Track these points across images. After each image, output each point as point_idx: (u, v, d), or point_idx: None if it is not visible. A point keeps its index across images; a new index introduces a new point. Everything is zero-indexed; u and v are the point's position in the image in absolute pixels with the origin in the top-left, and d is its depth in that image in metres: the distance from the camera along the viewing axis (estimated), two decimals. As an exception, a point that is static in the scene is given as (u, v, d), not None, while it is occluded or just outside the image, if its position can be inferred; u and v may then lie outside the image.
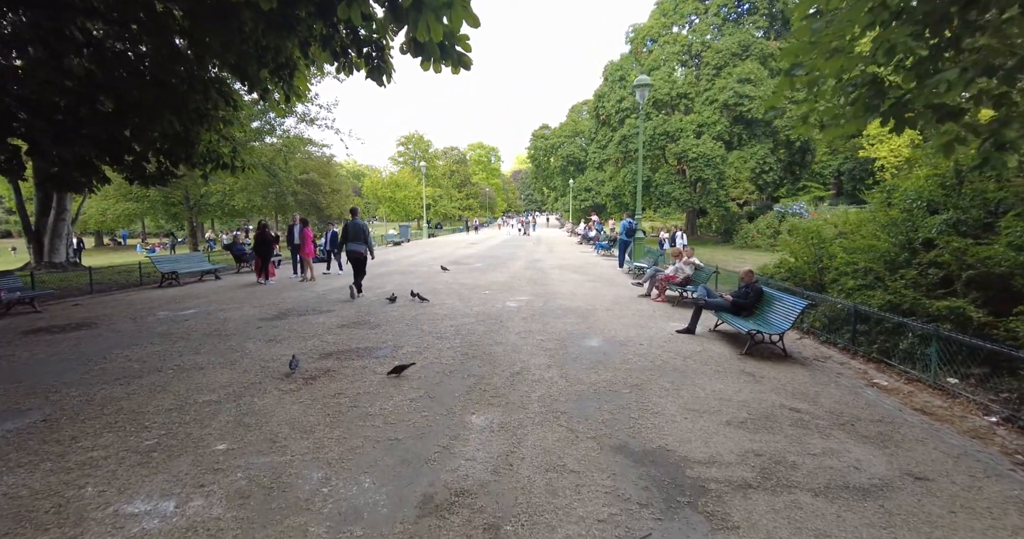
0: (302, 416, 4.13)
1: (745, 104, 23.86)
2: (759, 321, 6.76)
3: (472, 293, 10.68)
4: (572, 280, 13.03)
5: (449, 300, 9.78)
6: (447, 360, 5.76)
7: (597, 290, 11.35)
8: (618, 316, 8.44)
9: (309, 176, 25.98)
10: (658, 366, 5.68)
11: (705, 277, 9.59)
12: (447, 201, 59.04)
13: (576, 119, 68.91)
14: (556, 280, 13.05)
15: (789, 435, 3.91)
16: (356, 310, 8.74)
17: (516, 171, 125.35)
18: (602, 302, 9.78)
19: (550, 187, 75.16)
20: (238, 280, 13.43)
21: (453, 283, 12.29)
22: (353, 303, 9.46)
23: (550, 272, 14.84)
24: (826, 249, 8.77)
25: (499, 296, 10.30)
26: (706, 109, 25.20)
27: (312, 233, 12.76)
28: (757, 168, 24.91)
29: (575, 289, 11.43)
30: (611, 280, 13.19)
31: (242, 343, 6.47)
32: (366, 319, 7.99)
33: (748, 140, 25.51)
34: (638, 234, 15.96)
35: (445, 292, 10.83)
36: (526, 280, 12.94)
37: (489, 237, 40.04)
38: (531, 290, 11.19)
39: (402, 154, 63.78)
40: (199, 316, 8.29)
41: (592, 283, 12.53)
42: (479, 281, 12.66)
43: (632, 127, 26.21)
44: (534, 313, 8.57)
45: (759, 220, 25.76)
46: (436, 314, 8.38)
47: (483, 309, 8.86)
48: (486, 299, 9.91)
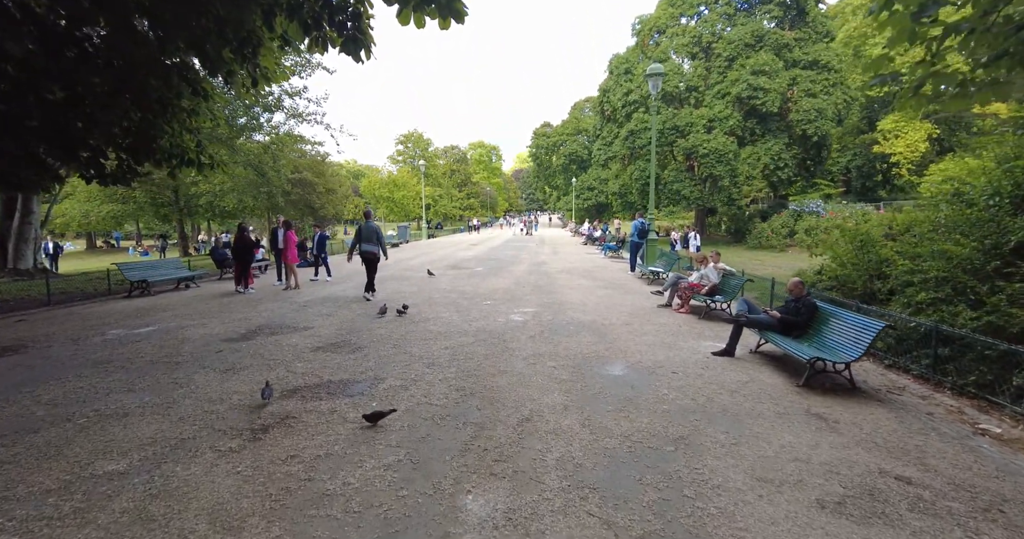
0: (233, 500, 2.99)
1: (760, 97, 22.65)
2: (816, 344, 5.61)
3: (472, 304, 9.55)
4: (581, 287, 11.89)
5: (445, 313, 8.65)
6: (438, 399, 4.63)
7: (611, 299, 10.21)
8: (639, 332, 7.30)
9: (302, 175, 24.87)
10: (702, 405, 4.53)
11: (735, 286, 8.44)
12: (447, 201, 57.92)
13: (578, 116, 67.74)
14: (564, 287, 11.91)
15: (917, 531, 2.76)
16: (338, 327, 7.61)
17: (517, 170, 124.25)
18: (618, 314, 8.63)
19: (552, 186, 74.05)
20: (218, 288, 12.32)
21: (451, 291, 11.16)
22: (335, 317, 8.33)
23: (557, 277, 13.70)
24: (877, 253, 7.62)
25: (502, 307, 9.16)
26: (717, 103, 24.02)
27: (297, 237, 11.62)
28: (771, 164, 23.72)
29: (586, 297, 10.29)
30: (624, 286, 12.05)
31: (191, 374, 5.34)
32: (347, 339, 6.86)
33: (761, 135, 24.32)
34: (651, 235, 14.81)
35: (442, 302, 9.70)
36: (531, 287, 11.80)
37: (490, 238, 38.91)
38: (537, 299, 10.05)
39: (401, 153, 62.64)
40: (155, 336, 7.17)
41: (604, 290, 11.39)
42: (480, 288, 11.53)
43: (640, 122, 25.05)
44: (542, 329, 7.43)
45: (773, 219, 24.60)
46: (429, 332, 7.25)
47: (484, 324, 7.73)
48: (487, 311, 8.77)
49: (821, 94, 23.13)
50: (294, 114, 15.73)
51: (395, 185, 48.15)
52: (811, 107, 22.70)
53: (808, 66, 23.85)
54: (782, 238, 23.39)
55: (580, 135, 66.27)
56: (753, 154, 23.83)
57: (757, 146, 24.10)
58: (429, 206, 53.51)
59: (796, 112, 23.29)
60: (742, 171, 23.72)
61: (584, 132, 66.07)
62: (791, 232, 23.39)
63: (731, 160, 23.24)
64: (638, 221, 14.69)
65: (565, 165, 66.99)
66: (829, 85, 23.34)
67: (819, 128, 22.95)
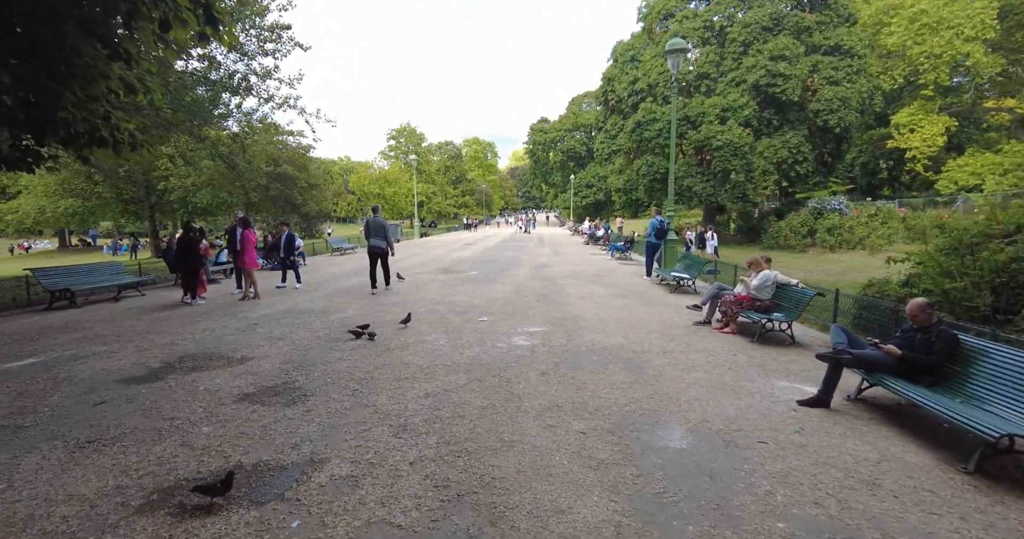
0: None
1: (779, 84, 20.86)
2: (968, 396, 3.81)
3: (464, 321, 7.71)
4: (594, 296, 10.08)
5: (431, 334, 6.81)
6: (406, 510, 2.79)
7: (632, 312, 8.40)
8: (685, 365, 5.50)
9: (282, 169, 22.91)
10: (839, 520, 2.73)
11: (798, 302, 6.65)
12: (441, 198, 55.95)
13: (576, 111, 65.86)
14: (574, 295, 10.10)
15: None
16: (286, 356, 5.76)
17: (513, 168, 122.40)
18: (648, 335, 6.84)
19: (549, 183, 72.22)
20: (167, 297, 10.42)
21: (440, 303, 9.31)
22: (288, 342, 6.46)
23: (563, 283, 11.88)
24: (995, 259, 5.85)
25: (501, 326, 7.34)
26: (731, 91, 22.25)
27: (256, 237, 9.71)
28: (789, 158, 21.99)
29: (602, 310, 8.48)
30: (644, 295, 10.25)
31: (22, 454, 3.47)
32: (292, 378, 5.01)
33: (779, 126, 22.57)
34: (672, 235, 13.02)
35: (429, 318, 7.86)
36: (535, 296, 9.98)
37: (486, 236, 37.06)
38: (545, 313, 8.22)
39: (393, 149, 60.49)
40: (30, 372, 5.28)
41: (621, 300, 9.59)
42: (474, 299, 9.69)
43: (648, 112, 23.24)
44: (556, 360, 5.61)
45: (790, 217, 22.89)
46: (407, 365, 5.41)
47: (479, 352, 5.90)
48: (484, 332, 6.94)
49: (844, 82, 21.40)
50: (263, 96, 13.83)
51: (386, 181, 46.08)
52: (834, 95, 20.97)
53: (830, 51, 22.10)
54: (801, 238, 21.69)
55: (578, 131, 64.46)
56: (770, 147, 22.09)
57: (774, 138, 22.36)
58: (422, 204, 51.55)
59: (817, 101, 21.54)
60: (758, 165, 21.98)
61: (582, 128, 64.29)
62: (811, 231, 21.70)
63: (747, 153, 21.48)
64: (655, 219, 12.90)
65: (563, 162, 65.16)
66: (852, 72, 21.62)
67: (843, 118, 21.23)
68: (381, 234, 10.23)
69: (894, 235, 21.21)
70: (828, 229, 20.51)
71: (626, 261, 17.95)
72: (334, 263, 17.69)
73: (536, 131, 66.74)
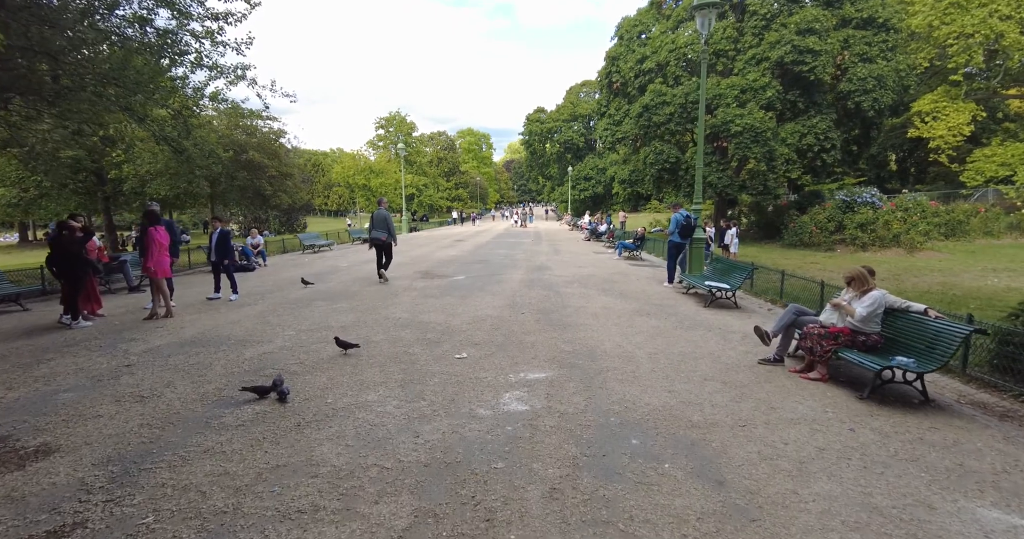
0: None
1: (807, 61, 18.47)
2: None
3: (434, 357, 5.40)
4: (610, 312, 7.80)
5: (378, 389, 4.48)
6: None
7: (668, 341, 6.13)
8: (785, 456, 3.23)
9: (249, 156, 20.42)
10: None
11: (940, 340, 4.36)
12: (433, 191, 53.36)
13: (575, 101, 63.21)
14: (583, 311, 7.81)
15: None
16: (116, 442, 3.43)
17: (508, 160, 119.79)
18: (703, 386, 4.59)
19: (546, 176, 69.75)
20: (55, 314, 8.03)
21: (409, 323, 6.99)
22: (146, 408, 4.12)
23: (567, 292, 9.58)
24: None
25: (487, 370, 5.02)
26: (752, 70, 19.88)
27: (165, 235, 7.29)
28: (816, 145, 19.69)
29: (626, 338, 6.21)
30: (673, 311, 7.98)
31: None
32: (85, 518, 2.68)
33: (805, 110, 20.23)
34: (700, 234, 10.74)
35: (385, 353, 5.54)
36: (534, 313, 7.67)
37: (479, 232, 34.69)
38: (548, 345, 5.92)
39: (382, 138, 57.65)
40: None
41: (647, 319, 7.31)
42: (455, 317, 7.36)
43: (657, 94, 20.83)
44: (574, 453, 3.32)
45: (814, 211, 20.67)
46: (314, 472, 3.09)
47: (445, 435, 3.58)
48: (458, 384, 4.62)
49: (879, 58, 19.06)
50: (203, 63, 11.36)
51: (372, 172, 43.39)
52: (868, 74, 18.63)
53: (862, 25, 19.75)
54: (828, 234, 19.48)
55: (576, 121, 61.93)
56: (794, 133, 19.76)
57: (799, 123, 20.03)
58: (412, 196, 48.97)
59: (848, 81, 19.19)
60: (780, 153, 19.68)
61: (581, 118, 61.74)
62: (839, 227, 19.49)
63: (769, 140, 19.17)
64: (679, 214, 10.60)
65: (560, 154, 62.65)
66: (887, 48, 19.30)
67: (877, 100, 18.92)
68: (383, 226, 10.66)
69: (933, 231, 19.06)
70: (860, 225, 18.29)
71: (637, 262, 15.68)
72: (301, 264, 15.33)
73: (532, 121, 64.11)
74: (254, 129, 22.31)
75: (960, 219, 20.64)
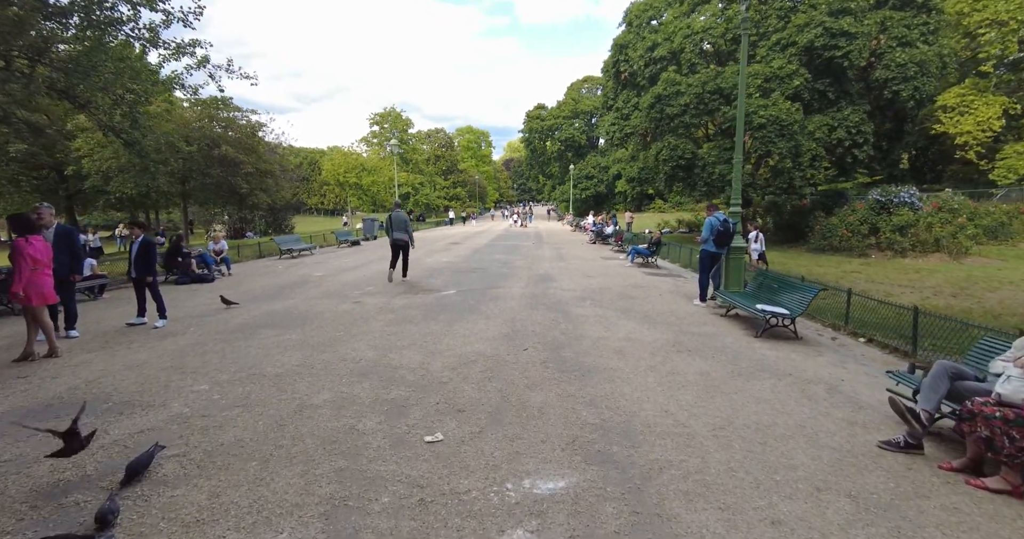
0: None
1: (841, 46, 16.60)
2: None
3: (391, 442, 3.52)
4: (640, 347, 5.94)
5: (282, 526, 2.62)
6: None
7: (735, 405, 4.27)
8: None
9: (223, 151, 18.53)
10: None
11: None
12: (429, 189, 51.44)
13: (576, 97, 61.37)
14: (606, 347, 5.96)
15: None
16: None
17: (508, 159, 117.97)
18: (819, 504, 2.71)
19: (546, 175, 67.97)
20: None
21: (370, 370, 5.12)
22: None
23: (581, 315, 7.73)
24: None
25: (469, 467, 3.15)
26: (776, 57, 18.05)
27: (44, 249, 5.40)
28: (847, 140, 17.84)
29: (674, 397, 4.35)
30: (720, 344, 6.12)
31: None
32: None
33: (835, 100, 18.38)
34: (740, 241, 8.90)
35: (321, 432, 3.65)
36: (540, 350, 5.81)
37: (477, 232, 32.84)
38: (564, 414, 4.04)
39: (376, 135, 55.65)
40: None
41: (690, 359, 5.44)
42: (432, 361, 5.48)
43: (670, 84, 18.96)
44: None
45: (843, 212, 18.82)
46: None
47: None
48: (421, 506, 2.73)
49: (919, 42, 17.19)
50: (140, 36, 9.51)
51: (364, 169, 41.38)
52: (909, 59, 16.75)
53: (900, 5, 17.91)
54: (861, 238, 17.63)
55: (577, 119, 60.11)
56: (823, 126, 17.91)
57: (828, 115, 18.18)
58: (408, 195, 47.06)
59: (885, 68, 17.32)
60: (807, 148, 17.84)
61: (582, 115, 59.92)
62: (873, 230, 17.65)
63: (796, 133, 17.32)
64: (715, 218, 8.74)
65: (561, 152, 60.87)
66: (928, 31, 17.47)
67: (919, 88, 17.06)
68: (403, 227, 10.71)
69: (980, 235, 17.22)
70: (898, 227, 16.46)
71: (652, 270, 13.84)
72: (272, 272, 13.48)
73: (533, 118, 62.32)
74: (230, 122, 20.41)
75: (1003, 220, 18.80)
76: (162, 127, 14.12)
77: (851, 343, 6.74)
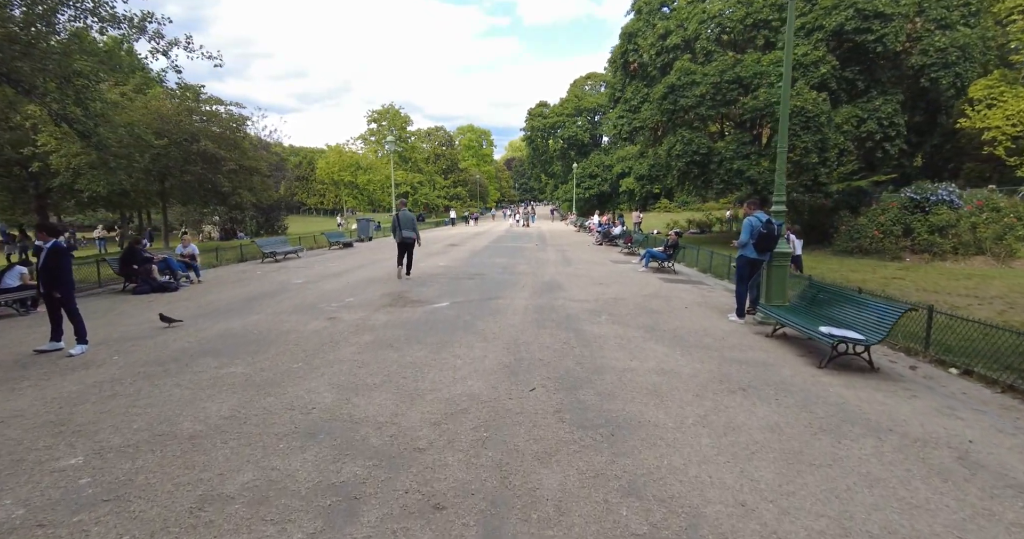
0: None
1: (875, 29, 15.19)
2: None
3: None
4: (679, 382, 4.53)
5: None
6: None
7: (839, 493, 2.82)
8: None
9: (202, 146, 17.18)
10: None
11: None
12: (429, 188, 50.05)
13: (579, 94, 59.87)
14: (636, 386, 4.54)
15: None
16: None
17: (509, 158, 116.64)
18: None
19: (548, 174, 66.56)
20: None
21: (320, 429, 3.71)
22: None
23: (596, 335, 6.33)
24: None
25: None
26: (801, 43, 16.64)
27: None
28: (877, 133, 16.41)
29: (748, 478, 2.90)
30: (779, 379, 4.70)
31: None
32: None
33: (865, 90, 16.96)
34: (784, 246, 7.51)
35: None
36: (551, 391, 4.39)
37: (478, 233, 31.49)
38: (597, 515, 2.64)
39: (374, 132, 54.26)
40: None
41: (752, 407, 4.02)
42: (408, 411, 4.07)
43: (684, 73, 17.55)
44: None
45: (873, 212, 17.38)
46: None
47: None
48: None
49: (959, 24, 15.74)
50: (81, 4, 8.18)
51: (359, 167, 39.97)
52: (948, 43, 15.30)
53: (937, -15, 16.54)
54: (894, 239, 16.20)
55: (580, 116, 58.67)
56: (852, 118, 16.49)
57: (857, 106, 16.75)
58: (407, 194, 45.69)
59: (922, 53, 15.87)
60: (834, 142, 16.41)
61: (585, 112, 58.47)
62: (907, 231, 16.23)
63: (823, 126, 15.90)
64: (755, 218, 7.37)
65: (563, 150, 59.41)
66: (969, 13, 16.04)
67: (960, 75, 15.63)
68: (411, 226, 11.00)
69: (1026, 236, 15.73)
70: (938, 228, 15.03)
71: (669, 276, 12.46)
72: (249, 278, 12.13)
73: (534, 116, 60.85)
74: (212, 115, 19.06)
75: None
76: (127, 117, 12.74)
77: (939, 374, 5.35)
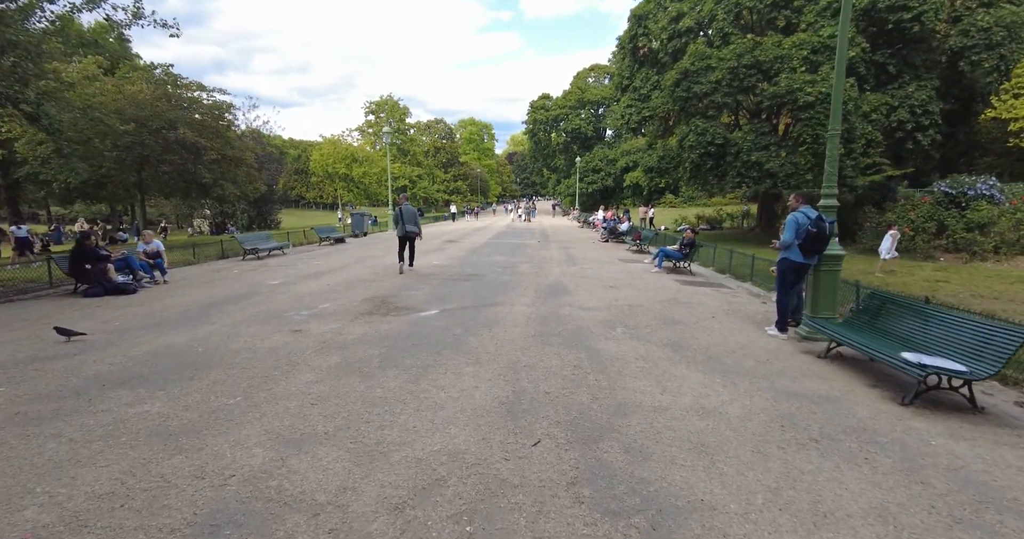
0: None
1: (911, 6, 13.89)
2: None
3: None
4: (727, 430, 3.30)
5: None
6: None
7: None
8: None
9: (181, 134, 15.99)
10: None
11: None
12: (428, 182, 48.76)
13: (582, 86, 58.37)
14: (672, 436, 3.30)
15: None
16: None
17: (511, 153, 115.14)
18: None
19: (551, 168, 65.25)
20: None
21: (230, 517, 2.52)
22: None
23: (613, 355, 5.14)
24: None
25: None
26: (826, 24, 15.35)
27: None
28: (909, 122, 15.14)
29: None
30: (861, 426, 3.46)
31: None
32: None
33: (896, 75, 15.67)
34: (836, 247, 6.28)
35: None
36: (565, 448, 3.16)
37: (478, 228, 30.27)
38: None
39: (371, 124, 52.87)
40: None
41: (847, 479, 2.76)
42: (367, 476, 2.86)
43: (698, 57, 16.27)
44: None
45: (900, 208, 16.16)
46: None
47: None
48: None
49: (1004, 1, 14.42)
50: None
51: (354, 160, 38.64)
52: (992, 22, 14.00)
53: (979, -41, 15.21)
54: (927, 237, 14.99)
55: (584, 109, 57.27)
56: (882, 105, 15.23)
57: (887, 93, 15.48)
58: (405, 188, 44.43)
59: (962, 34, 14.57)
60: (862, 132, 15.15)
61: (589, 105, 57.07)
62: (940, 228, 15.02)
63: (849, 113, 14.65)
64: (802, 214, 6.13)
65: (566, 144, 58.10)
66: (1013, -10, 14.77)
67: (1005, 58, 14.35)
68: (413, 220, 11.11)
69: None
70: (977, 225, 13.81)
71: (686, 277, 11.28)
72: (224, 278, 10.97)
73: (537, 109, 59.49)
74: (194, 101, 17.83)
75: None
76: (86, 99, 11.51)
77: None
